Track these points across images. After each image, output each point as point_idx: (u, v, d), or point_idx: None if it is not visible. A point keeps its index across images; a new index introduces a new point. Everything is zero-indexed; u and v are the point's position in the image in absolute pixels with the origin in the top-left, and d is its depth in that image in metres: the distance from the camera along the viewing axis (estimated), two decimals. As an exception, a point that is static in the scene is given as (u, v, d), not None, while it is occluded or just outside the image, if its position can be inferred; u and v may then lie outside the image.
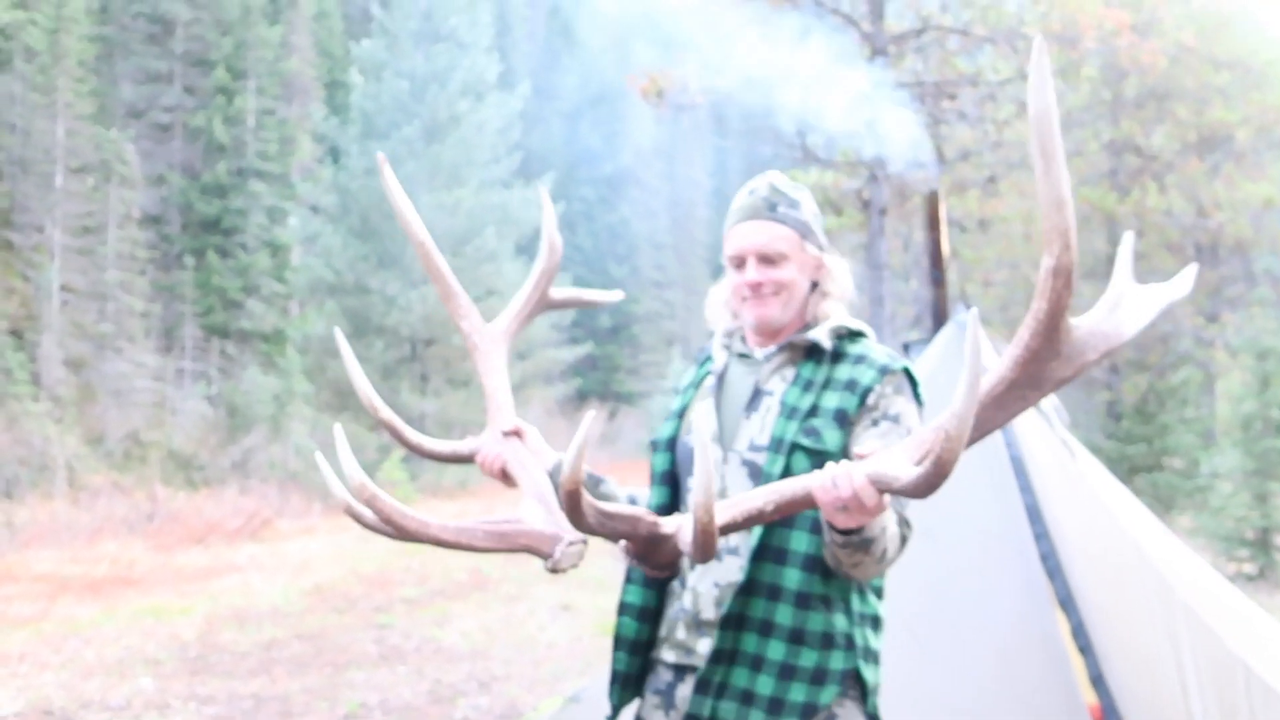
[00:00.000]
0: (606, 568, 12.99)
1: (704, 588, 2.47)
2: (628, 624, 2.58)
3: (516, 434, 2.59)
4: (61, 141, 26.78)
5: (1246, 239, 20.33)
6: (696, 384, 2.70)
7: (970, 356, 1.76)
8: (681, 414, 2.66)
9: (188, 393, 29.31)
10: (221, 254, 31.13)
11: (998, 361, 1.98)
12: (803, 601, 2.37)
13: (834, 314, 2.57)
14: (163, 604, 11.24)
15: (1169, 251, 20.23)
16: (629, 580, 2.60)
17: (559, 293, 2.88)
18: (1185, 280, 2.13)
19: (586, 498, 2.01)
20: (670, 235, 47.76)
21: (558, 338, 31.02)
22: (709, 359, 2.71)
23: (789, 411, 2.45)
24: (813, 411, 2.44)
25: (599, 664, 8.52)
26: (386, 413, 2.57)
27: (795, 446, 2.40)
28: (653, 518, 2.13)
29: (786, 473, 2.36)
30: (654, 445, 2.69)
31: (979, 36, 12.08)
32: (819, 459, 2.34)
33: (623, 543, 2.21)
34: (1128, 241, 2.18)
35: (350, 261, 24.89)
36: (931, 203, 5.18)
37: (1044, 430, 4.85)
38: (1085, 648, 4.33)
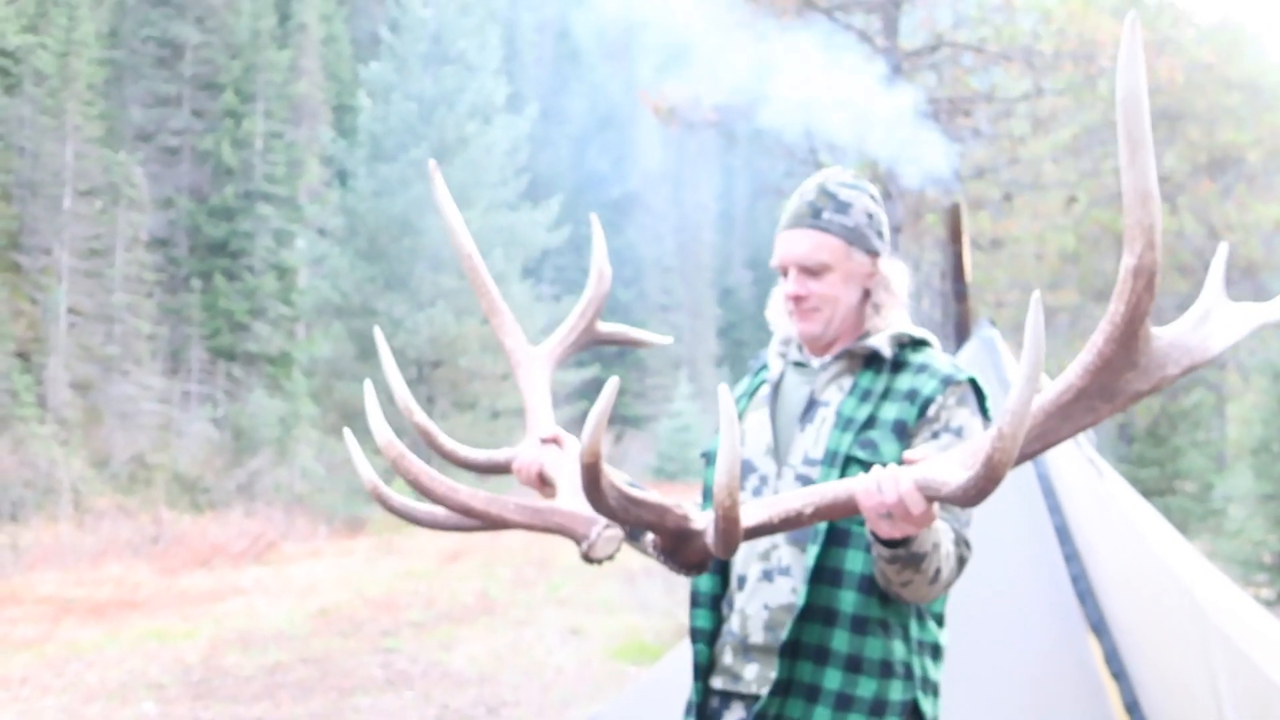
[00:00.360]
0: (615, 591, 12.87)
1: (753, 610, 2.33)
2: (702, 651, 2.43)
3: (555, 441, 2.47)
4: (70, 164, 26.77)
5: (1258, 260, 20.25)
6: (751, 393, 2.56)
7: (1030, 345, 1.63)
8: None
9: (193, 415, 29.20)
10: (228, 276, 31.10)
11: (1067, 368, 1.85)
12: (859, 626, 2.23)
13: (895, 321, 2.42)
14: (166, 627, 11.12)
15: (1180, 273, 20.14)
16: (695, 604, 2.49)
17: (607, 327, 2.76)
18: None
19: (608, 475, 1.87)
20: (677, 259, 47.70)
21: (565, 362, 30.85)
22: (764, 367, 2.58)
23: (844, 423, 2.31)
24: (869, 423, 2.30)
25: (609, 689, 8.38)
26: (421, 416, 2.46)
27: (850, 459, 2.26)
28: (683, 510, 1.99)
29: None
30: (705, 458, 2.54)
31: (993, 53, 12.01)
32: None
33: (653, 539, 2.08)
34: (1222, 253, 2.04)
35: (357, 283, 24.82)
36: (954, 216, 5.07)
37: (1071, 449, 4.73)
38: (1119, 674, 4.19)
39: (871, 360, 2.37)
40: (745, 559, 2.36)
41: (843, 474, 2.23)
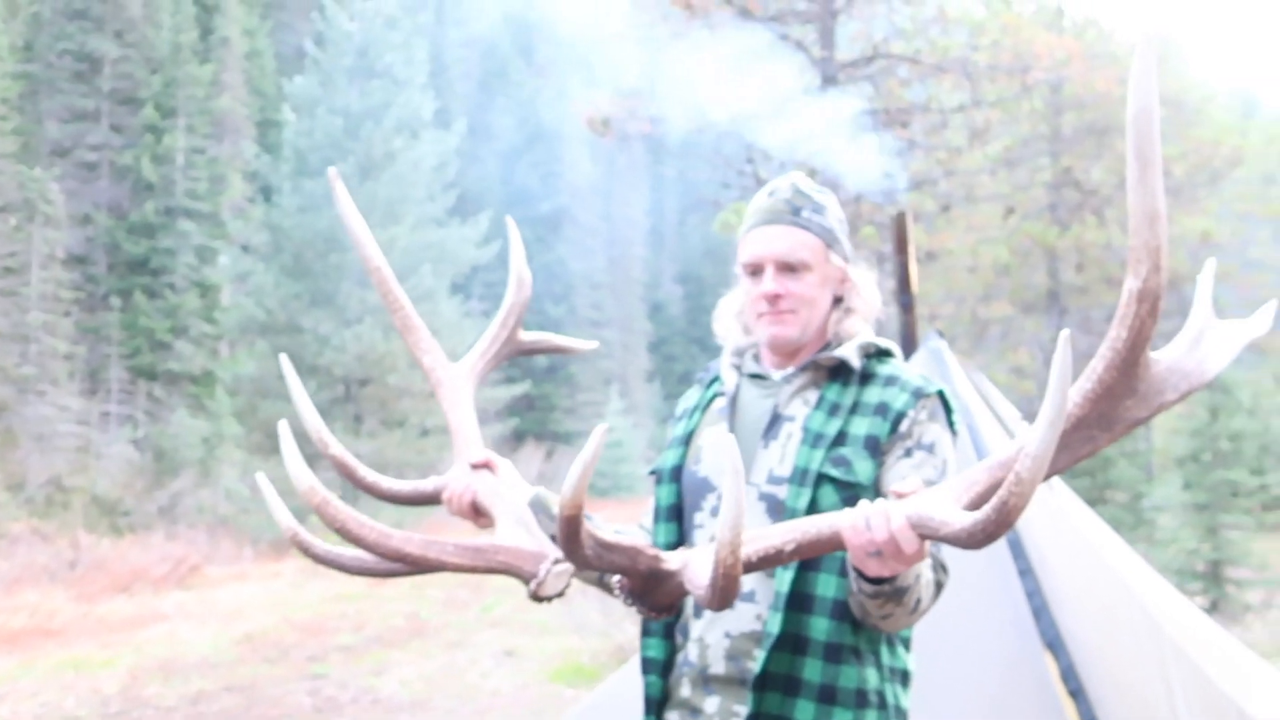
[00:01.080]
0: (550, 612, 12.65)
1: (713, 639, 2.17)
2: (654, 683, 2.27)
3: (486, 466, 2.27)
4: (-17, 180, 26.07)
5: (1183, 273, 20.63)
6: (703, 407, 2.39)
7: (1056, 384, 1.50)
8: (686, 441, 2.36)
9: (113, 436, 28.50)
10: (149, 294, 30.42)
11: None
12: (833, 654, 2.09)
13: (860, 332, 2.29)
14: (84, 656, 10.73)
15: (1108, 285, 20.46)
16: (647, 633, 2.30)
17: (530, 336, 2.59)
18: (1265, 317, 1.90)
19: (587, 525, 1.72)
20: (607, 275, 47.62)
21: (494, 376, 30.61)
22: (716, 379, 2.41)
23: (813, 439, 2.17)
24: (840, 439, 2.16)
25: (546, 713, 8.20)
26: (337, 449, 2.27)
27: (822, 478, 2.12)
28: (654, 551, 1.84)
29: (812, 507, 2.09)
30: (657, 476, 2.37)
31: (929, 65, 12.06)
32: (849, 492, 2.09)
33: (617, 580, 1.92)
34: (1209, 270, 1.94)
35: (282, 300, 24.40)
36: (899, 226, 4.98)
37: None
38: (1076, 691, 4.10)
39: (837, 372, 2.25)
40: None
41: (815, 493, 2.11)
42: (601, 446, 1.62)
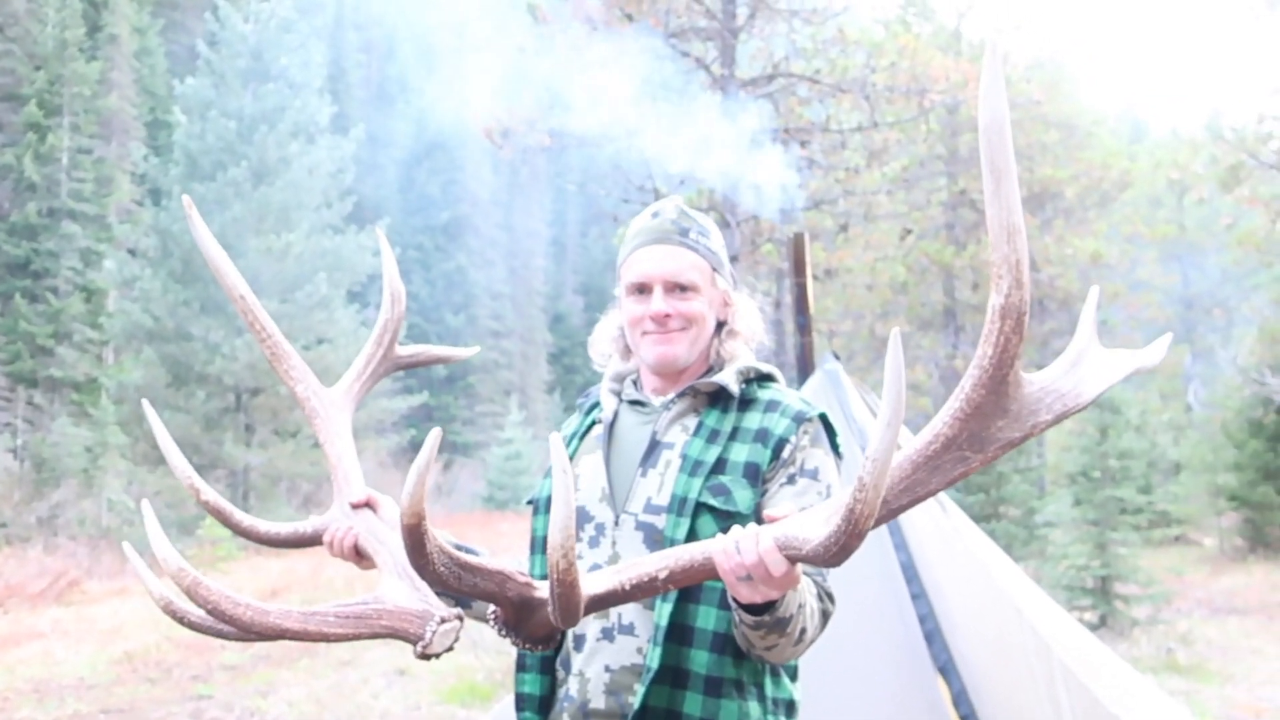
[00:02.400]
0: (444, 628, 12.46)
1: (593, 672, 2.10)
2: (530, 679, 2.20)
3: (368, 504, 2.18)
4: None
5: (1074, 292, 21.16)
6: (581, 434, 2.33)
7: (891, 386, 1.48)
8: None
9: (-10, 445, 27.48)
10: (30, 298, 29.38)
11: (934, 416, 1.70)
12: (713, 688, 2.04)
13: (740, 356, 2.26)
14: (-48, 678, 10.24)
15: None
16: (522, 668, 2.22)
17: (407, 350, 2.50)
18: (1158, 349, 1.88)
19: (434, 537, 1.62)
20: (508, 285, 47.39)
21: (391, 387, 30.22)
22: (596, 405, 2.35)
23: (692, 466, 2.11)
24: (719, 466, 2.12)
25: (438, 735, 8.02)
26: (209, 494, 2.16)
27: (701, 506, 2.07)
28: (525, 578, 1.75)
29: (691, 537, 2.03)
30: (533, 505, 2.31)
31: (828, 85, 12.16)
32: (729, 521, 2.03)
33: (492, 611, 1.83)
34: (1093, 298, 1.91)
35: (170, 307, 23.76)
36: (797, 247, 4.95)
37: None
38: (968, 716, 4.11)
39: (717, 398, 2.22)
40: None
41: (693, 522, 2.07)
42: (435, 450, 1.54)
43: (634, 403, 2.29)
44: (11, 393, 29.40)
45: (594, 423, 2.33)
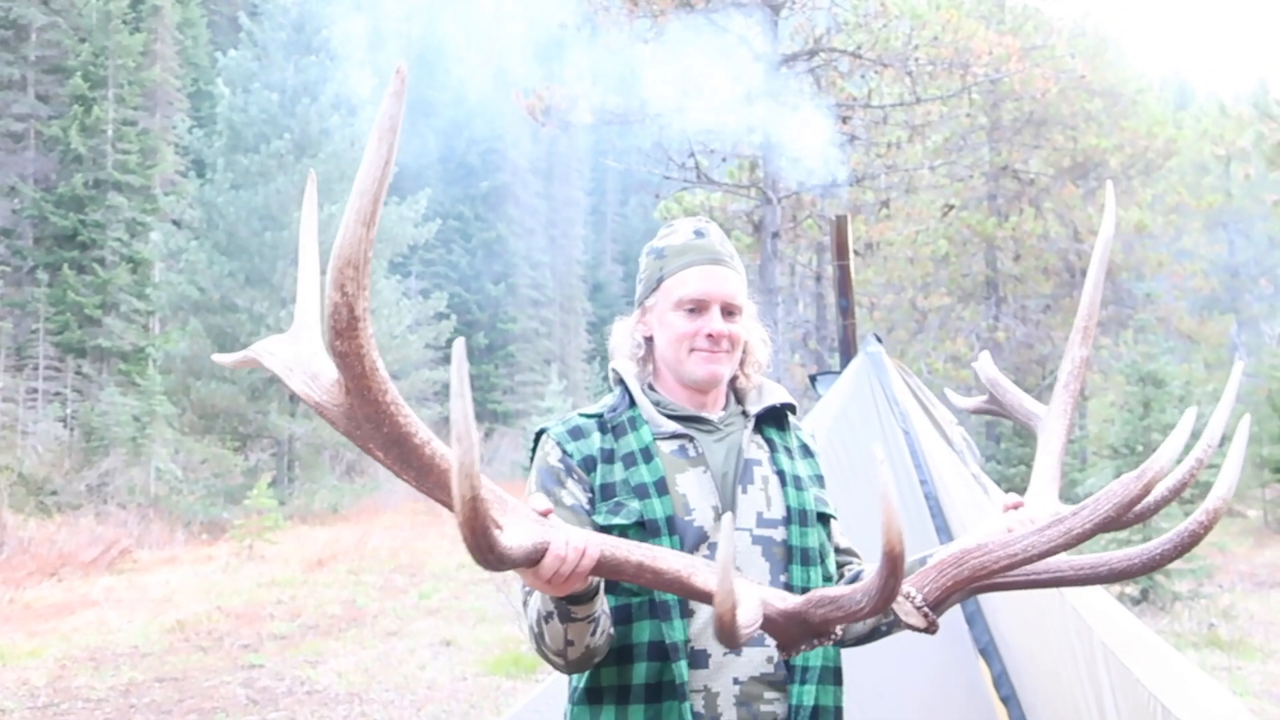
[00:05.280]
0: (487, 600, 12.61)
1: (720, 686, 2.13)
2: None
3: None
4: (-96, 149, 25.35)
5: (1118, 263, 20.93)
6: (644, 451, 2.22)
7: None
8: (661, 487, 2.18)
9: (40, 414, 27.93)
10: (78, 269, 29.78)
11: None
12: (836, 678, 2.26)
13: (754, 376, 2.42)
14: (9, 645, 10.50)
15: (1045, 275, 20.73)
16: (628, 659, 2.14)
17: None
18: None
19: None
20: (547, 254, 47.47)
21: (432, 357, 30.38)
22: (637, 419, 2.27)
23: (793, 480, 2.28)
24: (803, 480, 2.33)
25: (485, 706, 8.15)
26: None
27: (820, 516, 2.29)
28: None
29: (821, 545, 2.25)
30: (648, 529, 2.14)
31: (870, 60, 12.08)
32: (829, 526, 2.32)
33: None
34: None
35: (216, 278, 23.99)
36: (840, 230, 4.97)
37: (958, 467, 4.69)
38: (1008, 697, 4.15)
39: (766, 417, 2.36)
40: None
41: (819, 531, 2.27)
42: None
43: (689, 419, 2.29)
44: (60, 362, 29.85)
45: (653, 439, 2.24)
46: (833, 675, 2.21)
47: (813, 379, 5.42)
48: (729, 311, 2.28)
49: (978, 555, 1.84)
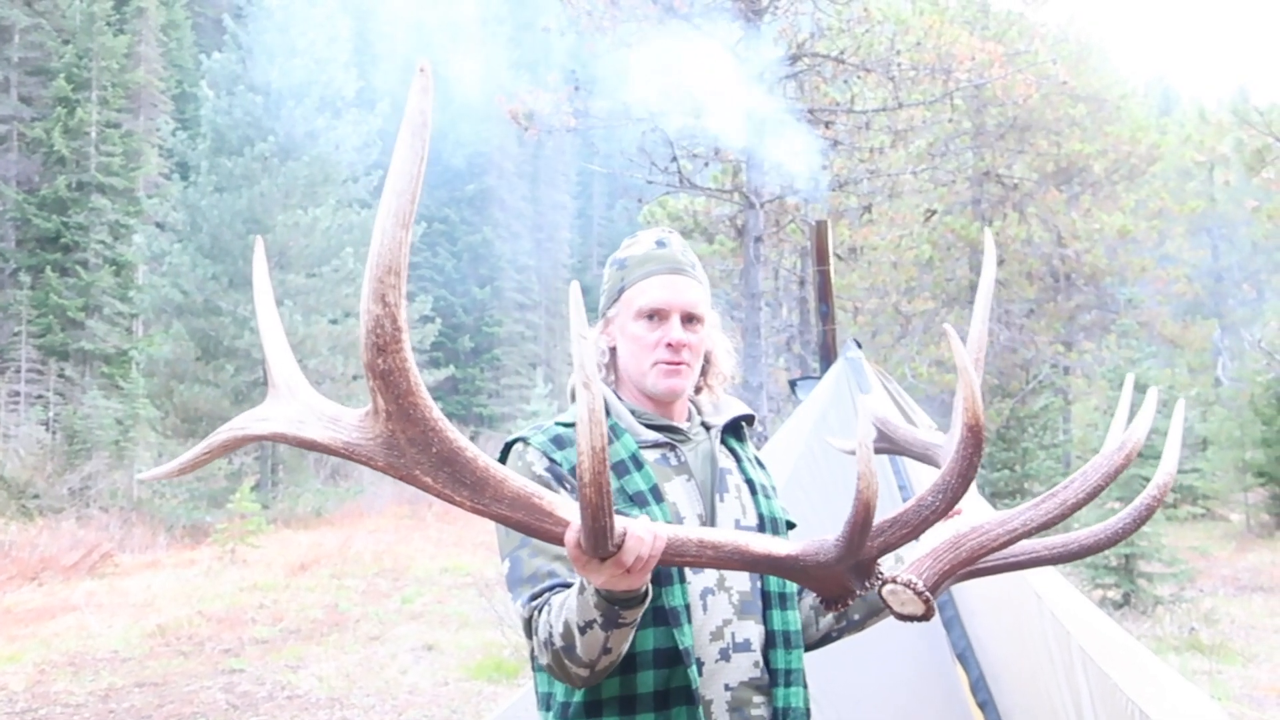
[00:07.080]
0: (469, 604, 12.57)
1: (713, 693, 2.12)
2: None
3: None
4: (-115, 151, 25.21)
5: (1101, 268, 21.04)
6: (633, 460, 2.18)
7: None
8: (656, 496, 2.14)
9: (22, 417, 27.81)
10: (60, 271, 29.68)
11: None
12: (803, 680, 2.27)
13: (715, 388, 2.44)
14: (-12, 650, 10.43)
15: (1028, 280, 20.79)
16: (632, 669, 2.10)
17: None
18: None
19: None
20: (533, 257, 47.43)
21: (419, 360, 30.30)
22: (617, 428, 2.24)
23: (760, 489, 2.32)
24: (768, 488, 2.37)
25: (465, 710, 8.13)
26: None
27: (786, 524, 2.33)
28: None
29: None
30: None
31: (853, 65, 12.09)
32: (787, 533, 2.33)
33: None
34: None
35: (199, 281, 23.89)
36: (820, 235, 4.98)
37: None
38: (985, 703, 4.15)
39: (729, 428, 2.39)
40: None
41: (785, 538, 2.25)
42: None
43: (664, 428, 2.29)
44: (43, 365, 29.73)
45: (637, 448, 2.21)
46: (803, 678, 2.23)
47: (793, 384, 5.42)
48: (690, 319, 2.27)
49: (975, 537, 1.83)
